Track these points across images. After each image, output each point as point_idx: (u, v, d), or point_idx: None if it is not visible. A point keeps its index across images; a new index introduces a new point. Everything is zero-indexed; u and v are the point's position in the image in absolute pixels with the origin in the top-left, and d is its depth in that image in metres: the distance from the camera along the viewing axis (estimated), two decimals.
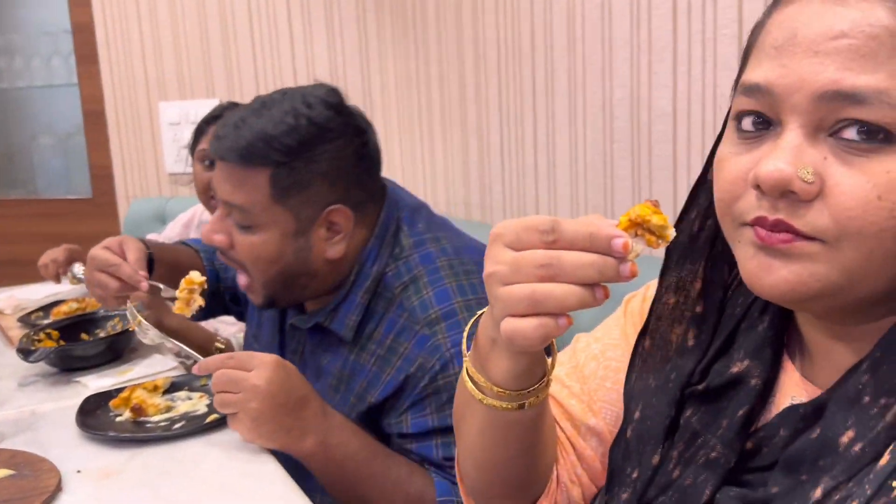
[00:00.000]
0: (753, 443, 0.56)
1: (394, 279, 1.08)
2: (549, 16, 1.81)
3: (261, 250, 1.06)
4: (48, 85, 3.04)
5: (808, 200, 0.48)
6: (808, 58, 0.49)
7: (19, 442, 1.00)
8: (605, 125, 1.71)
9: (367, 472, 0.98)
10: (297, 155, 1.02)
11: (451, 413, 0.99)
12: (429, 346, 1.01)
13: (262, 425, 0.93)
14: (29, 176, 3.20)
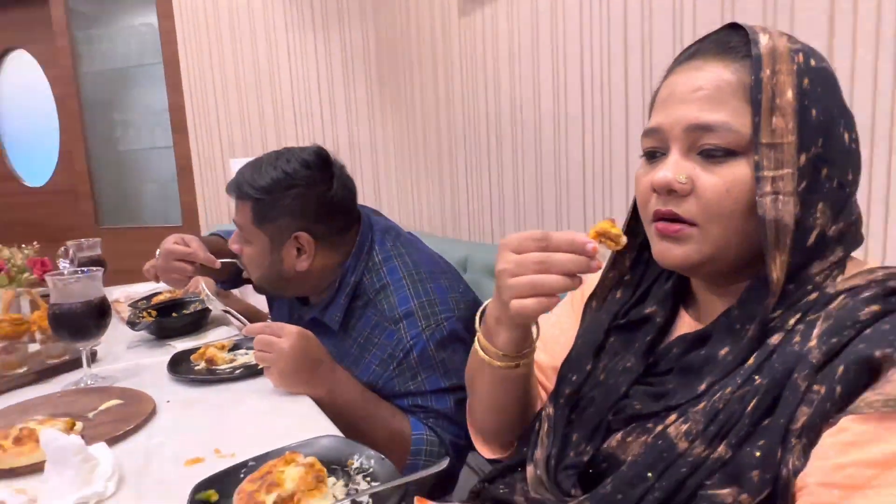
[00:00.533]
0: (654, 358, 0.60)
1: (369, 286, 1.07)
2: (497, 97, 1.86)
3: (251, 258, 1.10)
4: (153, 147, 3.04)
5: (684, 196, 0.53)
6: (681, 105, 0.54)
7: (127, 384, 1.00)
8: (536, 170, 1.75)
9: (362, 413, 0.98)
10: (268, 194, 1.04)
11: (413, 382, 1.02)
12: (395, 339, 1.01)
13: (285, 378, 0.93)
14: (138, 211, 3.20)
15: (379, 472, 0.68)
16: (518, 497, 0.67)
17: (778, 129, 0.50)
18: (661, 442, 0.50)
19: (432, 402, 1.02)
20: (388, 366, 1.01)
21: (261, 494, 0.60)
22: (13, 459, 0.72)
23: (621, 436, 0.56)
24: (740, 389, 0.48)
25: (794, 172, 0.50)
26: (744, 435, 0.46)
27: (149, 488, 0.69)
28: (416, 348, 1.00)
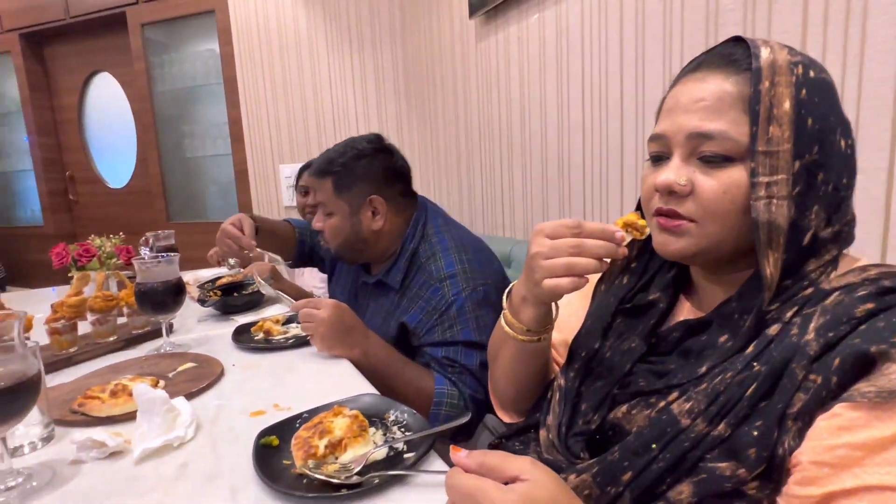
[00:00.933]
0: (656, 340, 0.58)
1: (422, 253, 1.11)
2: (508, 110, 1.86)
3: (334, 228, 1.14)
4: (214, 154, 3.08)
5: (684, 196, 0.52)
6: (684, 114, 0.53)
7: (199, 350, 1.03)
8: (542, 173, 1.75)
9: (392, 371, 1.00)
10: (344, 166, 1.11)
11: (450, 331, 1.03)
12: (439, 294, 1.05)
13: (326, 342, 0.96)
14: (202, 209, 3.25)
15: (412, 424, 0.69)
16: (531, 455, 0.67)
17: (774, 138, 0.48)
18: (664, 417, 0.49)
19: (461, 357, 1.03)
20: (432, 316, 1.04)
21: (314, 439, 0.62)
22: (110, 409, 0.75)
23: (626, 408, 0.55)
24: (740, 374, 0.47)
25: (788, 178, 0.48)
26: (742, 416, 0.45)
27: (221, 434, 0.71)
28: (456, 304, 1.03)
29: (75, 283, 1.09)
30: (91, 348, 1.03)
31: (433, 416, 0.98)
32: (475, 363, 1.03)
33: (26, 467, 0.63)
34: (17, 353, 0.59)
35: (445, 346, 1.04)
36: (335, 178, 1.11)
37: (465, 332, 1.03)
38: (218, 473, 0.62)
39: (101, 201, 3.50)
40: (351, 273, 1.32)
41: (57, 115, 3.48)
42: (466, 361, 1.03)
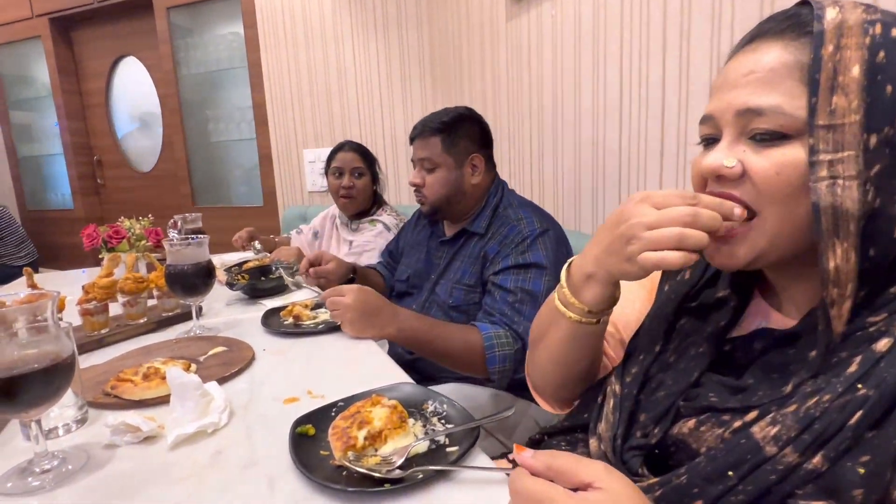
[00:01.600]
0: (730, 347, 0.51)
1: (502, 206, 1.22)
2: (540, 92, 1.79)
3: (438, 181, 1.22)
4: (239, 139, 3.08)
5: (736, 181, 0.46)
6: (732, 90, 0.47)
7: (228, 334, 1.01)
8: (574, 158, 1.69)
9: (433, 335, 1.03)
10: (453, 126, 1.21)
11: (523, 256, 1.10)
12: (516, 230, 1.14)
13: (354, 326, 0.97)
14: (227, 193, 3.26)
15: (452, 415, 0.66)
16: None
17: (839, 109, 0.42)
18: (743, 441, 0.42)
19: (530, 284, 1.08)
20: (509, 246, 1.12)
21: (353, 430, 0.59)
22: (142, 392, 0.74)
23: (694, 424, 0.48)
24: (841, 398, 0.39)
25: (857, 155, 0.41)
26: (844, 448, 0.38)
27: (254, 421, 0.69)
28: (531, 236, 1.12)
29: (106, 265, 1.08)
30: (122, 330, 1.03)
31: (490, 360, 1.03)
32: (541, 289, 1.07)
33: (61, 450, 0.62)
34: (52, 334, 0.57)
35: (517, 270, 1.09)
36: (444, 135, 1.21)
37: (537, 255, 1.10)
38: (253, 462, 0.60)
39: (128, 185, 3.53)
40: (420, 246, 1.39)
41: (85, 99, 3.52)
42: (534, 287, 1.07)
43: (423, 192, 1.25)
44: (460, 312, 1.19)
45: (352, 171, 1.77)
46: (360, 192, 1.77)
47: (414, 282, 1.35)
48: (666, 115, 1.36)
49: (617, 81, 1.49)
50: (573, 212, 1.73)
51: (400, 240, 1.53)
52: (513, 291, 1.08)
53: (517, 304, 1.07)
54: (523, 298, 1.07)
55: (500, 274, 1.11)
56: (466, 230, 1.23)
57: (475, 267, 1.19)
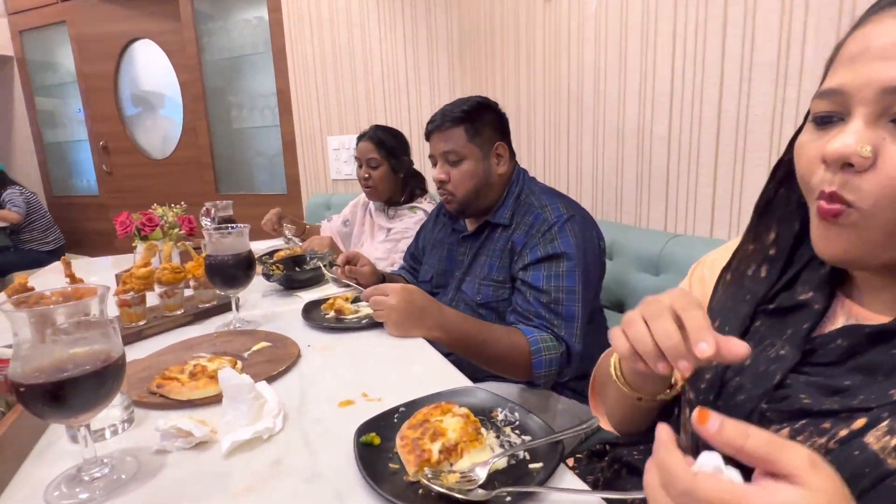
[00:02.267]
0: (812, 347, 0.46)
1: (523, 195, 1.15)
2: (580, 77, 1.70)
3: (465, 174, 1.13)
4: (262, 126, 3.04)
5: (862, 171, 0.39)
6: (877, 62, 0.39)
7: (269, 328, 0.97)
8: (617, 147, 1.60)
9: (480, 339, 0.97)
10: (476, 114, 1.14)
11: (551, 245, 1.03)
12: (541, 218, 1.07)
13: (399, 327, 0.92)
14: (250, 180, 3.23)
15: (527, 425, 0.60)
16: None
17: None
18: (857, 453, 0.37)
19: (564, 280, 1.01)
20: (535, 236, 1.06)
21: (425, 442, 0.54)
22: (190, 392, 0.69)
23: (788, 433, 0.43)
24: None
25: None
26: None
27: (310, 426, 0.64)
28: (557, 223, 1.05)
29: (143, 254, 1.04)
30: (160, 322, 0.99)
31: (537, 364, 0.97)
32: (576, 282, 1.02)
33: (110, 455, 0.57)
34: (101, 332, 0.53)
35: (548, 262, 1.03)
36: (467, 124, 1.13)
37: (566, 242, 1.03)
38: (317, 474, 0.54)
39: (142, 172, 3.46)
40: (441, 244, 1.31)
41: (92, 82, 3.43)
42: (568, 281, 1.01)
43: (448, 189, 1.16)
44: (489, 309, 1.12)
45: (367, 162, 1.70)
46: (377, 183, 1.70)
47: (438, 281, 1.28)
48: (724, 97, 1.27)
49: (668, 63, 1.39)
50: (614, 203, 1.65)
51: (419, 240, 1.44)
52: (545, 291, 1.01)
53: (552, 305, 1.01)
54: (558, 297, 1.01)
55: (529, 269, 1.05)
56: (489, 222, 1.17)
57: (502, 261, 1.12)
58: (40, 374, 0.48)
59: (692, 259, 1.27)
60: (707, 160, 1.34)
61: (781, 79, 1.15)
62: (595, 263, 1.09)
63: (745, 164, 1.26)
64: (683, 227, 1.44)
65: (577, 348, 1.00)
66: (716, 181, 1.33)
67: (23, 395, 0.48)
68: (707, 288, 0.61)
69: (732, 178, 1.29)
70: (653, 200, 1.51)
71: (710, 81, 1.30)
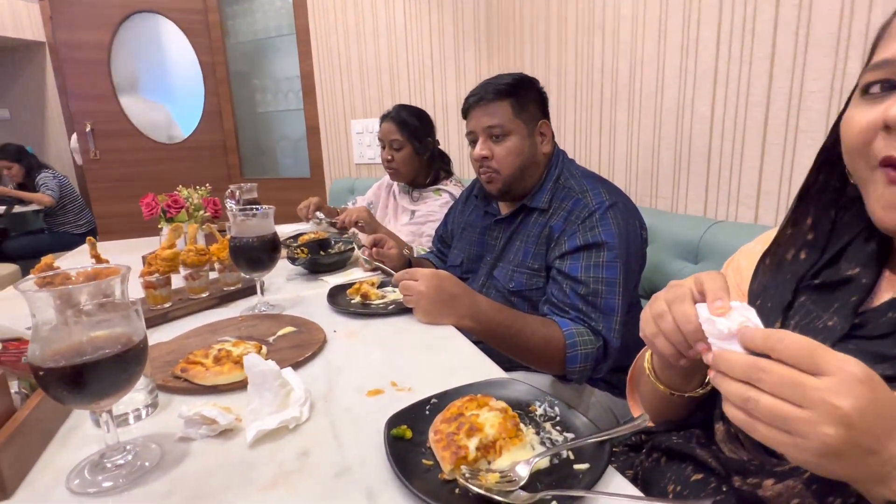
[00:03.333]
0: (860, 320, 0.47)
1: (562, 178, 1.09)
2: (615, 57, 1.61)
3: (510, 150, 1.07)
4: (286, 109, 3.01)
5: None
6: None
7: (294, 312, 0.94)
8: (654, 128, 1.52)
9: (513, 329, 0.92)
10: (520, 88, 1.07)
11: (591, 232, 0.97)
12: (581, 204, 1.01)
13: (428, 314, 0.89)
14: (274, 164, 3.22)
15: (569, 421, 0.56)
16: (700, 451, 0.54)
17: None
18: None
19: (603, 271, 0.95)
20: (575, 223, 1.00)
21: (461, 438, 0.50)
22: (214, 377, 0.67)
23: None
24: None
25: None
26: None
27: (338, 416, 0.61)
28: (599, 210, 0.99)
29: (168, 236, 1.02)
30: (185, 304, 0.97)
31: (571, 359, 0.92)
32: (617, 274, 0.95)
33: (133, 442, 0.55)
34: (123, 314, 0.50)
35: (587, 251, 0.97)
36: (513, 98, 1.06)
37: (608, 232, 0.97)
38: (347, 468, 0.51)
39: (161, 157, 3.15)
40: (473, 227, 1.24)
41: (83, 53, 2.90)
42: (609, 273, 0.95)
43: (492, 166, 1.07)
44: (522, 298, 1.06)
45: (390, 144, 1.65)
46: (400, 165, 1.65)
47: (469, 266, 1.22)
48: (776, 73, 1.18)
49: (713, 37, 1.30)
50: (649, 187, 1.57)
51: (448, 223, 1.38)
52: (584, 282, 0.95)
53: (590, 297, 0.95)
54: (597, 290, 0.95)
55: (567, 258, 0.98)
56: (526, 206, 1.10)
57: (538, 247, 1.05)
58: (60, 358, 0.46)
59: (734, 247, 1.19)
60: (754, 141, 1.26)
61: (842, 51, 1.05)
62: (637, 254, 1.03)
63: (798, 145, 1.17)
64: (725, 213, 1.36)
65: (615, 344, 0.94)
66: (763, 164, 1.25)
67: (42, 379, 0.46)
68: (742, 277, 0.61)
69: (782, 161, 1.20)
70: (692, 184, 1.43)
71: (759, 54, 1.21)
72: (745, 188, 1.29)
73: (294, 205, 2.05)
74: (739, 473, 0.48)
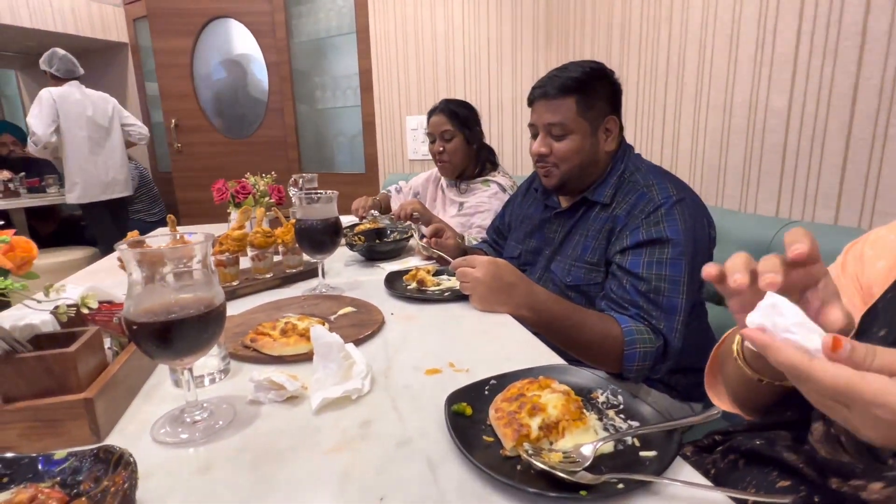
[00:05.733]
0: None
1: (627, 172, 1.04)
2: (682, 47, 1.55)
3: (570, 148, 1.03)
4: (344, 106, 3.10)
5: None
6: None
7: (353, 294, 0.97)
8: (723, 122, 1.45)
9: (570, 322, 0.90)
10: (589, 84, 1.01)
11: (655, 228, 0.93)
12: (647, 198, 0.97)
13: (484, 301, 0.89)
14: (331, 159, 3.31)
15: (634, 410, 0.54)
16: (788, 454, 0.51)
17: None
18: None
19: (666, 268, 0.91)
20: (639, 217, 0.96)
21: (523, 416, 0.50)
22: (281, 348, 0.70)
23: None
24: None
25: None
26: None
27: (398, 392, 0.62)
28: (665, 205, 0.95)
29: (238, 217, 1.08)
30: (251, 283, 1.02)
31: (629, 357, 0.89)
32: (682, 272, 0.91)
33: (208, 401, 0.59)
34: (205, 280, 0.53)
35: (650, 246, 0.93)
36: (579, 95, 1.01)
37: (673, 228, 0.93)
38: (407, 439, 0.52)
39: (221, 150, 3.36)
40: (531, 219, 1.22)
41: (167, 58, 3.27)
42: (673, 270, 0.91)
43: (550, 162, 1.05)
44: (579, 293, 1.04)
45: (441, 135, 1.66)
46: (452, 156, 1.66)
47: (527, 259, 1.20)
48: (865, 62, 1.10)
49: (794, 24, 1.23)
50: (715, 185, 1.50)
51: (506, 214, 1.37)
52: (645, 279, 0.91)
53: (652, 295, 0.91)
54: (659, 287, 0.91)
55: (628, 253, 0.95)
56: (587, 199, 1.06)
57: (598, 242, 1.02)
58: (151, 315, 0.49)
59: None
60: (837, 137, 1.17)
61: None
62: (704, 253, 0.97)
63: (888, 140, 1.09)
64: (800, 213, 1.27)
65: (676, 344, 0.90)
66: (846, 161, 1.16)
67: (134, 333, 0.50)
68: (865, 266, 0.55)
69: (869, 158, 1.12)
70: (763, 182, 1.35)
71: (847, 43, 1.13)
72: (825, 187, 1.21)
73: (349, 199, 2.10)
74: (839, 475, 0.45)
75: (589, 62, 1.04)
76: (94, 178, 2.99)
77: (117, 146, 3.11)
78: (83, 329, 0.57)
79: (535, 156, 1.07)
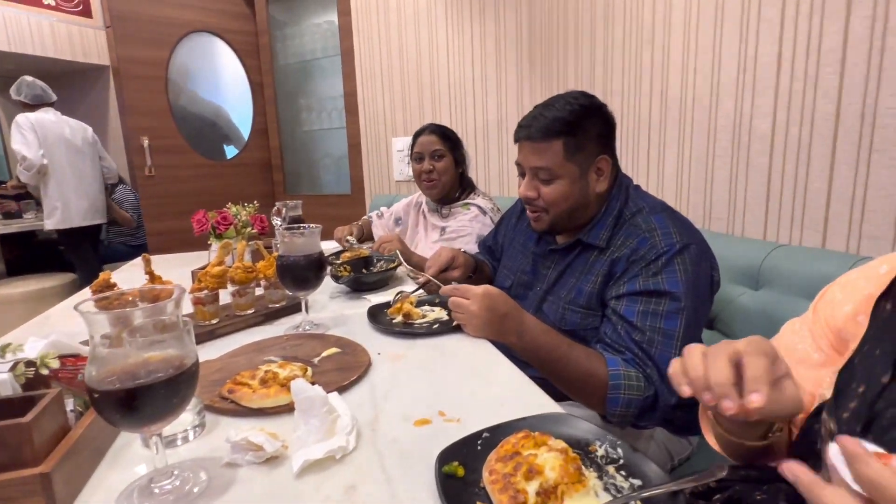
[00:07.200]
0: None
1: (626, 211, 0.99)
2: (664, 72, 1.56)
3: (559, 193, 0.98)
4: (329, 128, 3.09)
5: None
6: None
7: (337, 332, 0.93)
8: (707, 146, 1.45)
9: (555, 355, 0.87)
10: (577, 126, 0.95)
11: (653, 279, 0.88)
12: (648, 244, 0.91)
13: (479, 331, 0.89)
14: (316, 181, 3.29)
15: (635, 465, 0.51)
16: None
17: None
18: None
19: (661, 321, 0.86)
20: (639, 264, 0.91)
21: (519, 480, 0.46)
22: (261, 400, 0.65)
23: None
24: None
25: None
26: None
27: (385, 447, 0.58)
28: (667, 254, 0.89)
29: (218, 253, 1.04)
30: (232, 321, 0.97)
31: (612, 401, 0.84)
32: (677, 327, 0.85)
33: (180, 466, 0.54)
34: (176, 335, 0.49)
35: (646, 297, 0.88)
36: (567, 138, 0.95)
37: (672, 280, 0.88)
38: None
39: (210, 174, 3.18)
40: (525, 250, 1.17)
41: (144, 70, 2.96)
42: (667, 324, 0.86)
43: (539, 206, 1.01)
44: (577, 338, 0.96)
45: (431, 154, 1.65)
46: (441, 175, 1.65)
47: (518, 292, 1.15)
48: (846, 86, 1.10)
49: (774, 49, 1.24)
50: (701, 208, 1.50)
51: (498, 235, 1.34)
52: (639, 328, 0.87)
53: (645, 345, 0.86)
54: (653, 339, 0.86)
55: (623, 300, 0.90)
56: (581, 241, 1.01)
57: (594, 286, 0.97)
58: (114, 380, 0.45)
59: (800, 273, 1.10)
60: (821, 160, 1.18)
61: None
62: (704, 302, 0.93)
63: (872, 164, 1.09)
64: (788, 237, 1.27)
65: (668, 400, 0.85)
66: (831, 184, 1.16)
67: (97, 402, 0.45)
68: (835, 309, 0.55)
69: (854, 181, 1.12)
70: (749, 205, 1.35)
71: (827, 70, 1.14)
72: (811, 211, 1.21)
73: (335, 221, 2.07)
74: None
75: (578, 96, 0.97)
76: (74, 203, 2.92)
77: (95, 173, 3.04)
78: (42, 392, 0.53)
79: (523, 198, 1.03)
